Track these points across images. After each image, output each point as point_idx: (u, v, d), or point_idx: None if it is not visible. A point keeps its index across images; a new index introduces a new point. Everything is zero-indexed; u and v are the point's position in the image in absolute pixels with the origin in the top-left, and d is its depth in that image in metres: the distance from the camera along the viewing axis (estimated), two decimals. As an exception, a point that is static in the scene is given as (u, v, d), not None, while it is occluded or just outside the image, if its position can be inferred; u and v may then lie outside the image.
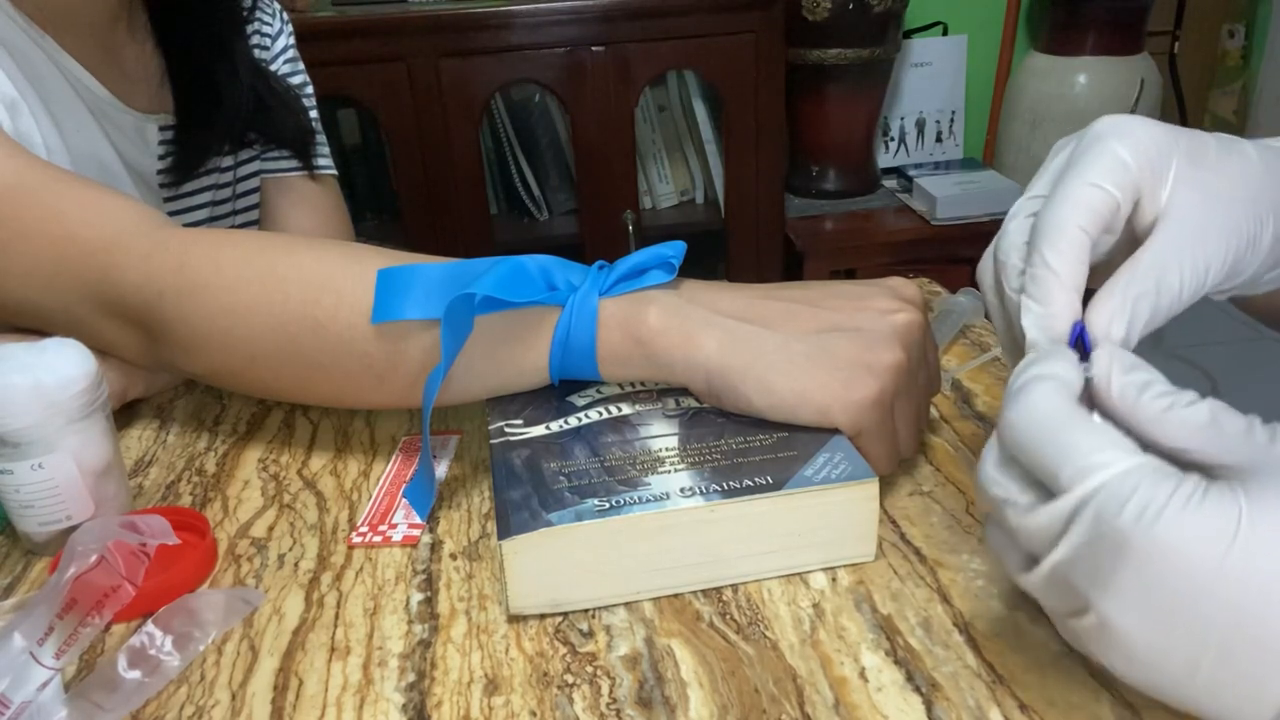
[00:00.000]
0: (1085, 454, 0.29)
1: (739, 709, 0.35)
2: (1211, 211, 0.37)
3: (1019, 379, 0.33)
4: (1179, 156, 0.37)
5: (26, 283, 0.53)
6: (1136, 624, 0.28)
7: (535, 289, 0.47)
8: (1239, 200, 0.37)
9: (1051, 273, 0.36)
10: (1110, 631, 0.29)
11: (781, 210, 1.80)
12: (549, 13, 1.58)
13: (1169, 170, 0.37)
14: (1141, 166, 0.37)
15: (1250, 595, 0.27)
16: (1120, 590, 0.28)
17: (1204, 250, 0.36)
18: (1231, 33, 2.37)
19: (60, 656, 0.35)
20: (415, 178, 1.65)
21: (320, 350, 0.49)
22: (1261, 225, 0.37)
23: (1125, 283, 0.36)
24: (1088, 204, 0.36)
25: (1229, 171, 0.38)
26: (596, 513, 0.40)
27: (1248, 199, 0.37)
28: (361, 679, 0.38)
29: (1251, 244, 0.37)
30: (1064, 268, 0.36)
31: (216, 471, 0.54)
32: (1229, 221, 0.37)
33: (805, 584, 0.42)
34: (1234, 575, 0.27)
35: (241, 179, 0.83)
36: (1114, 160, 0.37)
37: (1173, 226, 0.37)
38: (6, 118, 0.61)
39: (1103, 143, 0.37)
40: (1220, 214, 0.37)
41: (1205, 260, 0.36)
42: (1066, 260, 0.36)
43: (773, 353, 0.45)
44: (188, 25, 0.74)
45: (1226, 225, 0.37)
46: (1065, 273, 0.36)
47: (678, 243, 0.49)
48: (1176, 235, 0.36)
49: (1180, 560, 0.27)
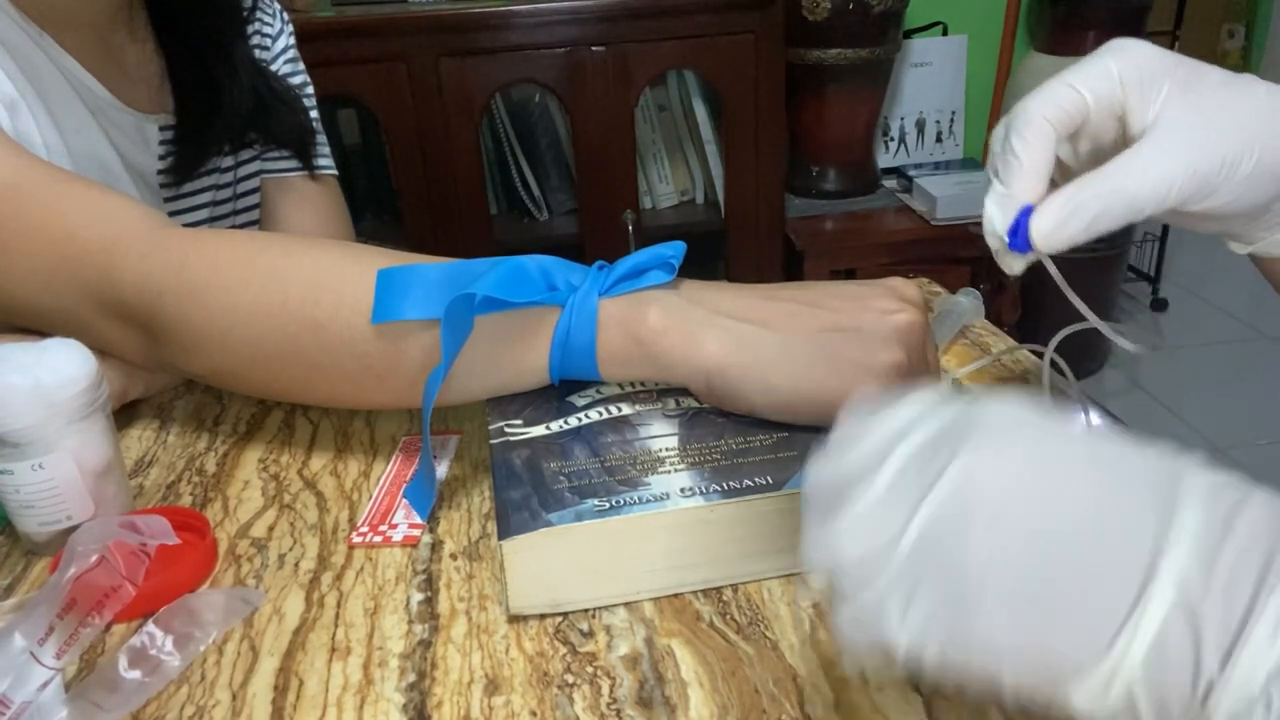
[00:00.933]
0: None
1: (739, 709, 0.35)
2: (1192, 131, 0.39)
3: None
4: (1172, 80, 0.40)
5: (27, 283, 0.53)
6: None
7: (535, 289, 0.47)
8: (1226, 126, 0.39)
9: (1015, 157, 0.41)
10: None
11: (781, 210, 1.80)
12: (549, 13, 1.58)
13: (1159, 89, 0.40)
14: (1128, 80, 0.41)
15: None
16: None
17: (1171, 163, 0.39)
18: (1231, 33, 2.37)
19: (60, 656, 0.35)
20: (415, 178, 1.65)
21: (320, 350, 0.49)
22: (1245, 152, 0.39)
23: (1081, 183, 0.39)
24: (1057, 100, 0.41)
25: (1224, 99, 0.40)
26: (596, 513, 0.40)
27: (1236, 126, 0.39)
28: (362, 679, 0.38)
29: (1227, 167, 0.39)
30: (1026, 153, 0.41)
31: (217, 471, 0.54)
32: (1207, 141, 0.39)
33: (805, 584, 0.42)
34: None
35: (242, 179, 0.82)
36: (1099, 69, 0.41)
37: (1148, 139, 0.40)
38: (6, 118, 0.61)
39: (1098, 55, 0.42)
40: (1199, 134, 0.39)
41: (1170, 173, 0.39)
42: (1030, 146, 0.41)
43: (773, 353, 0.45)
44: (188, 25, 0.74)
45: (1205, 144, 0.39)
46: (1027, 157, 0.41)
47: (677, 243, 0.49)
48: (1148, 147, 0.39)
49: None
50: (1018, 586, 0.25)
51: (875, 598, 0.26)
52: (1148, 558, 0.24)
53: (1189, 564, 0.24)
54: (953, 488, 0.26)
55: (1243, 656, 0.23)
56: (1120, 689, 0.24)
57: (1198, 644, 0.24)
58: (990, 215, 0.42)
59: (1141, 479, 0.26)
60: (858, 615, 0.27)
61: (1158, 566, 0.24)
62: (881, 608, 0.26)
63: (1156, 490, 0.25)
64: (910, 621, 0.26)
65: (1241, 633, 0.23)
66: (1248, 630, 0.23)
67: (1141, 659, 0.24)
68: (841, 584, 0.27)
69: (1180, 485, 0.25)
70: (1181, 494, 0.25)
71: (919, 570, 0.26)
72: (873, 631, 0.27)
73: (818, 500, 0.29)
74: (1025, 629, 0.25)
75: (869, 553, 0.27)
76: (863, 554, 0.27)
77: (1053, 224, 0.40)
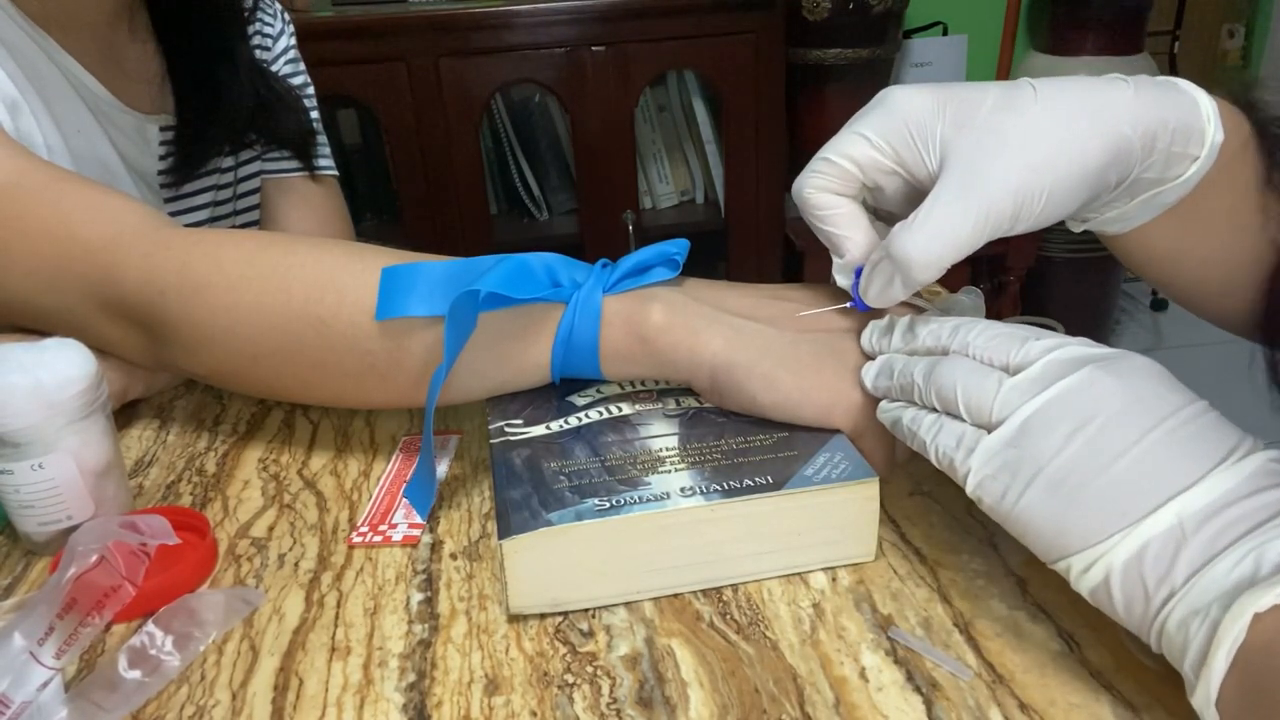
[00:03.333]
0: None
1: (739, 709, 0.35)
2: (974, 177, 0.40)
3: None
4: (945, 123, 0.42)
5: (28, 282, 0.53)
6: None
7: (539, 286, 0.47)
8: (1010, 160, 0.40)
9: (825, 238, 0.46)
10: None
11: (781, 210, 1.80)
12: (549, 13, 1.58)
13: (931, 142, 0.42)
14: (895, 142, 0.43)
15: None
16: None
17: (962, 220, 0.40)
18: (1231, 33, 2.37)
19: (60, 656, 0.35)
20: (415, 178, 1.65)
21: (323, 349, 0.49)
22: (1035, 185, 0.40)
23: (888, 244, 0.42)
24: (830, 171, 0.44)
25: (999, 126, 0.41)
26: (596, 512, 0.40)
27: (1021, 156, 0.40)
28: (362, 679, 0.38)
29: (1022, 200, 0.40)
30: (831, 227, 0.45)
31: (217, 471, 0.54)
32: (990, 184, 0.40)
33: (805, 584, 0.42)
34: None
35: (242, 179, 0.83)
36: (853, 142, 0.44)
37: (933, 198, 0.41)
38: (8, 118, 0.61)
39: (868, 111, 0.44)
40: (982, 181, 0.40)
41: (960, 231, 0.40)
42: (829, 221, 0.45)
43: (778, 350, 0.45)
44: (189, 26, 0.74)
45: (989, 191, 0.40)
46: (834, 231, 0.45)
47: (681, 240, 0.49)
48: (928, 213, 0.41)
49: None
50: (1064, 478, 0.33)
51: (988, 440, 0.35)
52: (1169, 492, 0.31)
53: (1198, 508, 0.31)
54: (1062, 391, 0.34)
55: (1201, 581, 0.30)
56: (1100, 574, 0.32)
57: (1173, 561, 0.30)
58: (840, 283, 0.47)
59: (1211, 442, 0.32)
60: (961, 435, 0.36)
61: (1172, 500, 0.31)
62: (985, 445, 0.35)
63: (1213, 454, 0.32)
64: (994, 460, 0.34)
65: (1208, 563, 0.30)
66: (1213, 563, 0.30)
67: (1124, 558, 0.31)
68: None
69: (1236, 455, 0.32)
70: (1232, 462, 0.31)
71: (1022, 435, 0.34)
72: (962, 455, 0.35)
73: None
74: (1054, 507, 0.33)
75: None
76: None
77: (875, 291, 0.44)
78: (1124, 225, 0.46)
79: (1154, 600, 0.31)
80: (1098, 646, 0.37)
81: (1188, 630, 0.30)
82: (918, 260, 0.40)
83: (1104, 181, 0.41)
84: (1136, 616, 0.32)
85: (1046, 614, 0.39)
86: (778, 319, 0.48)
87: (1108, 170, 0.41)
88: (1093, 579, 0.32)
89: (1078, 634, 0.38)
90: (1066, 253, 2.16)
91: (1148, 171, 0.42)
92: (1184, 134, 0.42)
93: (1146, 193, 0.44)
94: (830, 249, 0.46)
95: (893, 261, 0.41)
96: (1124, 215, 0.45)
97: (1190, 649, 0.29)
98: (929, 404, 0.38)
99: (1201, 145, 0.42)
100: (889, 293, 0.43)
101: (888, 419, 0.41)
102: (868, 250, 0.45)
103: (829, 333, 0.47)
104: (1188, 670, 0.30)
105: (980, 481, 0.35)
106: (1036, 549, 0.34)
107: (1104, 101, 0.41)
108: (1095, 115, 0.40)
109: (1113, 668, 0.36)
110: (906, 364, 0.40)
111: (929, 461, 0.38)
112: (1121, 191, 0.43)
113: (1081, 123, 0.40)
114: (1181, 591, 0.30)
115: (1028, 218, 0.40)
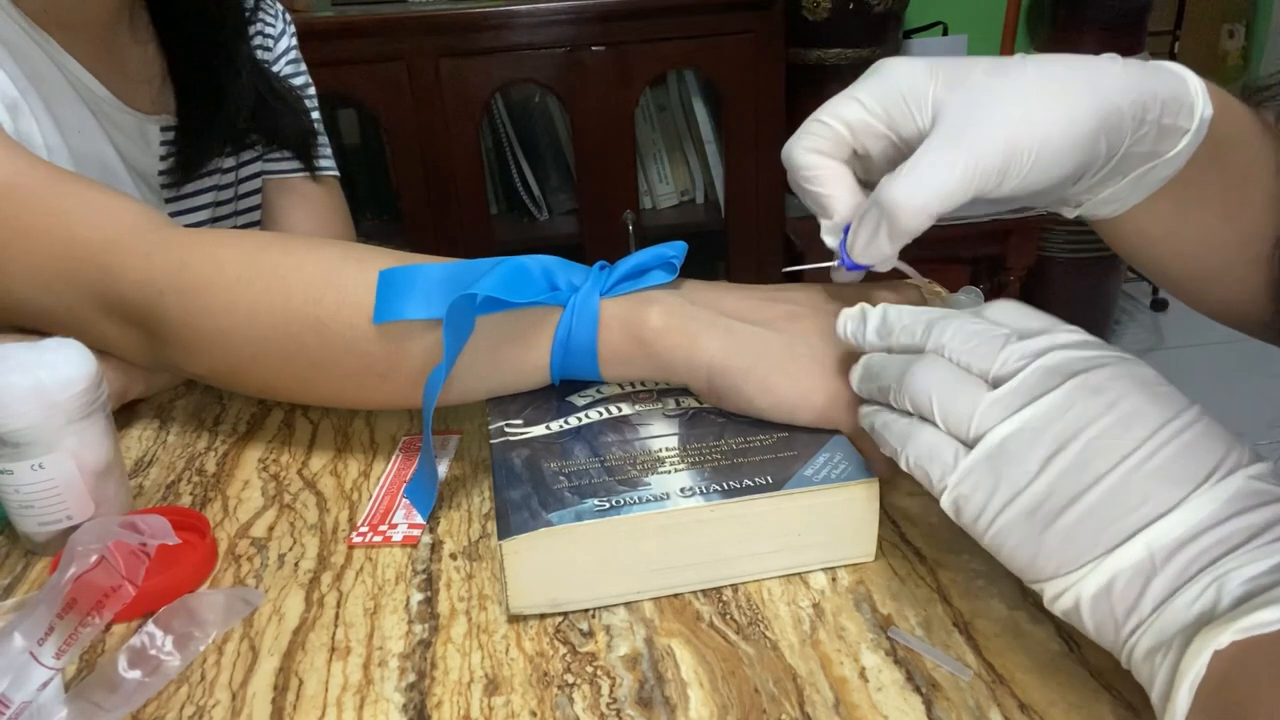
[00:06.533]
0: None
1: (739, 709, 0.35)
2: (964, 129, 0.40)
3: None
4: (938, 84, 0.42)
5: (28, 282, 0.53)
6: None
7: (537, 289, 0.47)
8: (998, 116, 0.40)
9: (812, 199, 0.45)
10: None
11: (781, 210, 1.80)
12: (549, 13, 1.58)
13: (923, 102, 0.42)
14: (887, 104, 0.43)
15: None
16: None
17: (949, 169, 0.40)
18: (1231, 33, 2.37)
19: (60, 656, 0.35)
20: (415, 178, 1.65)
21: (322, 349, 0.49)
22: (1026, 137, 0.40)
23: (875, 196, 0.41)
24: (822, 132, 0.44)
25: (993, 87, 0.41)
26: (596, 513, 0.40)
27: (1012, 113, 0.40)
28: (362, 679, 0.38)
29: (1012, 155, 0.40)
30: (818, 187, 0.44)
31: (216, 471, 0.54)
32: (980, 137, 0.40)
33: (805, 584, 0.42)
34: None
35: (243, 180, 0.83)
36: (846, 104, 0.43)
37: (925, 147, 0.41)
38: (8, 118, 0.61)
39: (845, 92, 0.44)
40: (972, 131, 0.40)
41: (949, 178, 0.40)
42: (816, 182, 0.44)
43: (776, 353, 0.45)
44: (189, 26, 0.74)
45: (979, 140, 0.40)
46: (821, 191, 0.45)
47: (679, 243, 0.49)
48: (916, 161, 0.40)
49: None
50: (1039, 504, 0.32)
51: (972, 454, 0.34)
52: (1141, 522, 0.30)
53: (1170, 539, 0.30)
54: (1042, 410, 0.33)
55: (1166, 612, 0.30)
56: (1070, 601, 0.32)
57: (1142, 593, 0.30)
58: (828, 243, 0.46)
59: (1192, 461, 0.31)
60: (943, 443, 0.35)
61: (1143, 530, 0.30)
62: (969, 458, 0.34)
63: (1193, 476, 0.31)
64: (969, 479, 0.34)
65: (1173, 594, 0.30)
66: (1178, 594, 0.29)
67: (1093, 590, 0.31)
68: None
69: (1216, 476, 0.30)
70: (1211, 484, 0.30)
71: (999, 456, 0.33)
72: (941, 466, 0.35)
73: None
74: (1028, 533, 0.33)
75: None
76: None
77: (863, 242, 0.43)
78: (1117, 207, 0.46)
79: (1123, 630, 0.31)
80: (1098, 647, 0.37)
81: (1153, 663, 0.30)
82: (904, 206, 0.40)
83: (1095, 150, 0.41)
84: (1108, 642, 0.32)
85: (1046, 614, 0.39)
86: (775, 321, 0.48)
87: (1098, 136, 0.40)
88: (1063, 605, 0.32)
89: (1078, 634, 0.38)
90: (1066, 253, 2.16)
91: (1139, 145, 0.42)
92: (1174, 106, 0.42)
93: (1139, 169, 0.44)
94: (817, 211, 0.46)
95: (880, 209, 0.41)
96: (1117, 195, 0.45)
97: (1156, 682, 0.29)
98: (903, 408, 0.37)
99: (1191, 118, 0.42)
100: (876, 243, 0.42)
101: (865, 423, 0.40)
102: (854, 210, 0.44)
103: (827, 335, 0.47)
104: (1156, 702, 0.30)
105: (955, 500, 0.34)
106: (1011, 568, 0.34)
107: (1095, 72, 0.41)
108: (1087, 82, 0.40)
109: (1113, 668, 0.36)
110: (884, 365, 0.39)
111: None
112: (1114, 168, 0.43)
113: (1074, 86, 0.40)
114: (1148, 622, 0.30)
115: (1016, 175, 0.40)
